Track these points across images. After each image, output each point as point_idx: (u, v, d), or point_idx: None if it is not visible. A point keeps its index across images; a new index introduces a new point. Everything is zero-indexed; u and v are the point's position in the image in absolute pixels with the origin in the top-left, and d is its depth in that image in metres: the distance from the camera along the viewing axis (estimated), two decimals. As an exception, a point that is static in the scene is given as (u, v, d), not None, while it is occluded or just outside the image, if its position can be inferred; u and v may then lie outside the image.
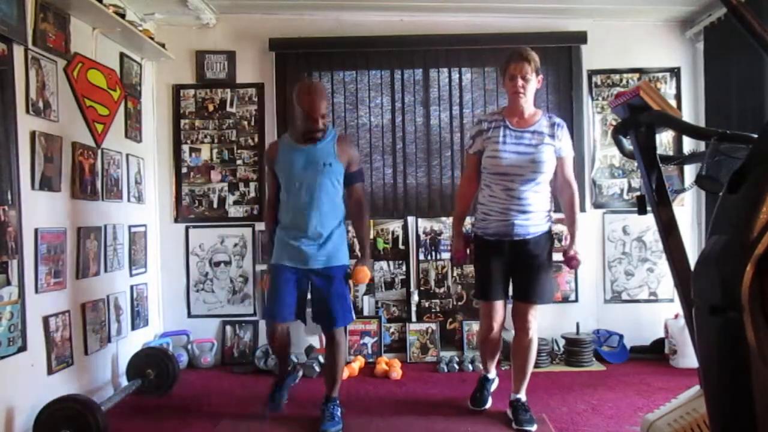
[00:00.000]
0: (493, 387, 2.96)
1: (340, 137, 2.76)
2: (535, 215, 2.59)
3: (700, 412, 1.72)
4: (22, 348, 2.51)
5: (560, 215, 3.85)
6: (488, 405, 2.87)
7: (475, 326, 3.77)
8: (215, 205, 4.00)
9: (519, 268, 2.64)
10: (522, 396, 2.73)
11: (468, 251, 2.79)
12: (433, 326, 3.90)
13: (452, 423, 2.75)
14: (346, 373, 3.51)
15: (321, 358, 3.51)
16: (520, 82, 2.53)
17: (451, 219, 2.83)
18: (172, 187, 4.00)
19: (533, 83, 2.56)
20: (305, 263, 2.67)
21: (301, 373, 3.11)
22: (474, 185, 2.73)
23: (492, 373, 2.95)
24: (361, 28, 3.93)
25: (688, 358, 3.37)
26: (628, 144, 2.02)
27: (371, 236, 3.97)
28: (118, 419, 2.78)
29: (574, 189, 2.67)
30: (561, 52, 3.97)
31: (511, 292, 2.72)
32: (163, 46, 3.71)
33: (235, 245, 3.98)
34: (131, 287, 3.55)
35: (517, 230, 2.58)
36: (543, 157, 2.56)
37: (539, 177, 2.57)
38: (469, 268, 3.83)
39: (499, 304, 2.71)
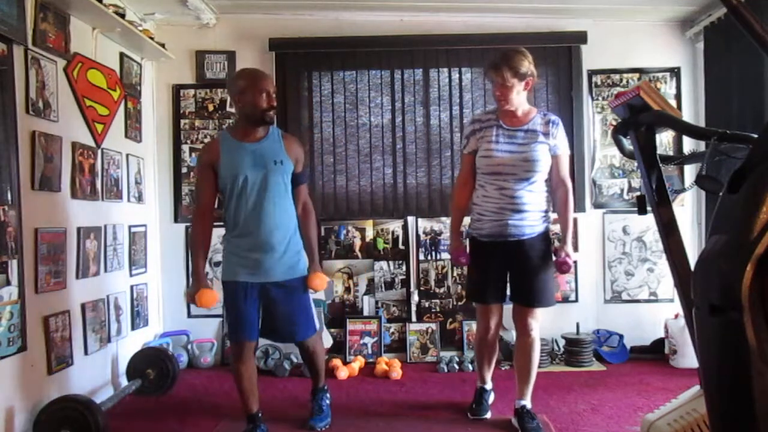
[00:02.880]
0: (491, 399, 2.91)
1: (286, 135, 2.62)
2: (530, 215, 2.54)
3: (700, 412, 1.72)
4: (22, 348, 2.51)
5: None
6: (488, 415, 2.81)
7: (475, 326, 3.76)
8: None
9: (515, 270, 2.58)
10: (527, 403, 2.66)
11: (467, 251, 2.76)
12: (433, 326, 3.90)
13: (452, 423, 2.75)
14: (346, 373, 3.53)
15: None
16: (498, 91, 2.52)
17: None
18: (172, 187, 3.99)
19: (517, 88, 2.50)
20: (264, 275, 2.47)
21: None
22: (470, 185, 2.69)
23: (489, 384, 2.91)
24: (361, 28, 3.93)
25: (688, 358, 3.37)
26: (628, 144, 2.02)
27: (371, 236, 3.98)
28: (118, 419, 2.78)
29: (569, 188, 2.62)
30: (561, 52, 3.97)
31: (509, 294, 2.66)
32: (163, 46, 3.71)
33: (235, 245, 3.97)
34: (131, 287, 3.55)
35: (511, 230, 2.52)
36: (536, 155, 2.52)
37: (533, 176, 2.53)
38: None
39: (494, 307, 2.67)
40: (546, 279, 2.58)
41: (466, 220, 2.79)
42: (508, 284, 2.64)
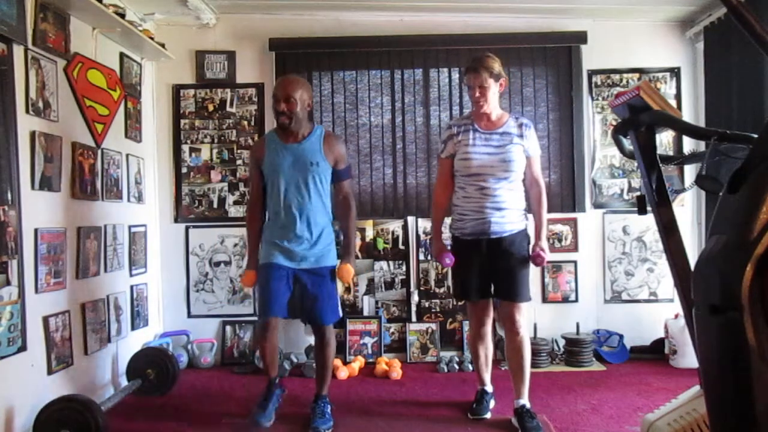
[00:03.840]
0: (492, 404, 2.90)
1: (327, 135, 2.79)
2: (510, 213, 2.64)
3: (700, 412, 1.72)
4: (22, 348, 2.50)
5: (556, 215, 3.91)
6: (488, 415, 2.81)
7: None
8: (215, 205, 4.00)
9: (498, 266, 2.65)
10: (526, 402, 2.68)
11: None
12: (433, 326, 3.90)
13: (452, 423, 2.75)
14: (346, 373, 3.53)
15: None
16: (477, 92, 2.61)
17: (451, 219, 2.81)
18: (172, 187, 4.00)
19: (493, 89, 2.61)
20: (296, 263, 2.69)
21: (285, 391, 2.94)
22: (449, 189, 2.79)
23: (489, 386, 2.92)
24: (361, 28, 3.93)
25: (688, 358, 3.37)
26: (628, 144, 2.03)
27: (371, 236, 3.98)
28: (118, 419, 2.78)
29: (542, 186, 2.74)
30: (561, 52, 3.97)
31: (493, 291, 2.72)
32: (163, 46, 3.71)
33: (235, 245, 3.98)
34: (131, 287, 3.55)
35: (493, 228, 2.62)
36: (512, 156, 2.63)
37: (511, 175, 2.64)
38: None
39: (481, 303, 2.76)
40: (525, 275, 2.68)
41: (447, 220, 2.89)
42: (492, 281, 2.71)
